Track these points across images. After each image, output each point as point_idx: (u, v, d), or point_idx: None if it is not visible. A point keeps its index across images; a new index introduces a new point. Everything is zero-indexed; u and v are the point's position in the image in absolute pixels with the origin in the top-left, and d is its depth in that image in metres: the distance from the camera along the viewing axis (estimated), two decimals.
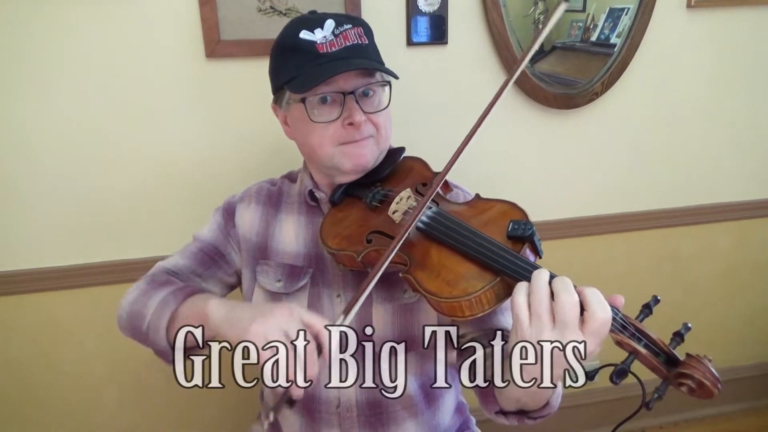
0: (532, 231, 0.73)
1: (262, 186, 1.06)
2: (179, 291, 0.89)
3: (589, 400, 1.81)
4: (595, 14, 1.44)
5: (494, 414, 0.81)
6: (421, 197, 0.87)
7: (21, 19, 1.19)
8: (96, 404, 1.51)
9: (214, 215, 1.06)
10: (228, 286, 1.06)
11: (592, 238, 1.67)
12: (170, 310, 0.86)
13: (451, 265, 0.75)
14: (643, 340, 0.66)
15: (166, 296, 0.89)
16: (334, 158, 0.90)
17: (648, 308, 0.69)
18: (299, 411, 1.00)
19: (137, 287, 0.97)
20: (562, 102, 1.49)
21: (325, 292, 0.96)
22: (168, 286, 0.92)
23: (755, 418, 1.96)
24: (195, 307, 0.85)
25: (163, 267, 1.02)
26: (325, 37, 0.86)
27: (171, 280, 0.95)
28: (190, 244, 1.05)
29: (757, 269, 1.84)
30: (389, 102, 0.91)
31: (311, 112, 0.87)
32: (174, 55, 1.28)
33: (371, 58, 0.90)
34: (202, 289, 0.90)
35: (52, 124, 1.27)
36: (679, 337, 0.68)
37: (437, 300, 0.72)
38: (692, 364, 0.64)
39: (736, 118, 1.64)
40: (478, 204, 0.85)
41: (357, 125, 0.87)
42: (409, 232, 0.80)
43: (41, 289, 1.37)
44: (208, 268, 1.02)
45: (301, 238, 0.99)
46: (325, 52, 0.85)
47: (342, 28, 0.87)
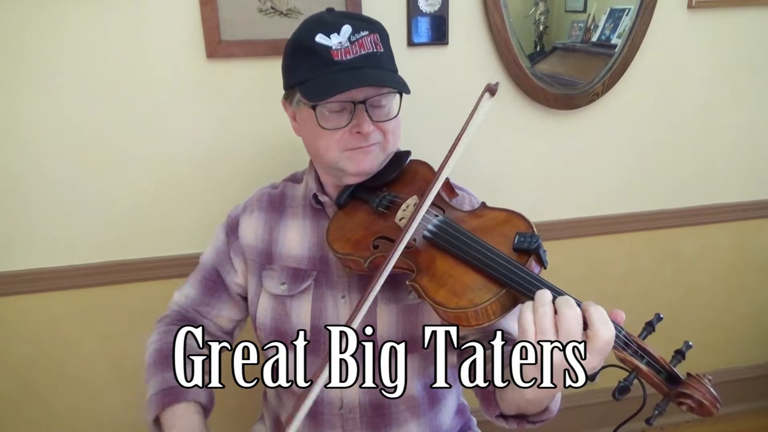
0: (538, 244, 0.73)
1: (263, 192, 1.06)
2: (162, 395, 0.91)
3: (589, 400, 1.81)
4: (596, 15, 1.43)
5: (495, 417, 0.81)
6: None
7: (21, 20, 1.19)
8: (96, 405, 1.51)
9: (217, 232, 1.07)
10: (238, 306, 1.08)
11: (593, 238, 1.67)
12: (153, 414, 0.91)
13: (458, 275, 0.76)
14: (645, 357, 0.67)
15: (152, 397, 0.92)
16: (339, 162, 0.90)
17: (650, 326, 0.70)
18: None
19: (152, 343, 1.02)
20: (563, 102, 1.49)
21: (329, 294, 0.96)
22: (164, 369, 0.95)
23: (756, 419, 1.96)
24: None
25: (176, 307, 1.07)
26: (340, 43, 0.85)
27: (171, 355, 0.97)
28: (197, 270, 1.08)
29: (758, 270, 1.84)
30: (399, 110, 0.91)
31: (321, 119, 0.87)
32: (174, 56, 1.28)
33: (386, 68, 0.89)
34: (185, 391, 0.92)
35: (52, 125, 1.27)
36: (681, 354, 0.69)
37: (444, 310, 0.73)
38: (692, 384, 0.66)
39: (736, 118, 1.64)
40: (485, 213, 0.85)
41: (365, 135, 0.87)
42: (415, 241, 0.80)
43: (42, 290, 1.37)
44: (213, 295, 1.05)
45: (305, 242, 0.99)
46: (340, 60, 0.84)
47: (358, 35, 0.86)
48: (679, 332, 1.82)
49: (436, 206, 0.87)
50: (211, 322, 1.06)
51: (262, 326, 0.99)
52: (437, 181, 0.82)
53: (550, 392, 0.70)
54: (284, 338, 0.97)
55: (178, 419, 0.88)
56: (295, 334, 0.96)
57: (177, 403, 0.90)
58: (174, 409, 0.89)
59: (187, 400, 0.90)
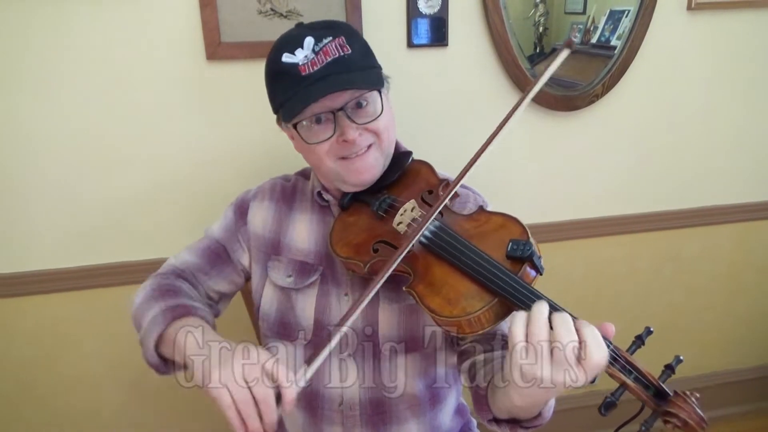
0: (531, 252, 0.73)
1: (275, 182, 1.07)
2: (169, 311, 0.87)
3: (589, 402, 1.81)
4: (596, 16, 1.44)
5: (487, 422, 0.82)
6: (427, 206, 0.87)
7: (22, 23, 1.20)
8: (96, 406, 1.51)
9: (226, 211, 1.07)
10: (234, 283, 1.06)
11: (594, 239, 1.67)
12: (158, 332, 0.85)
13: (453, 283, 0.76)
14: (633, 373, 0.67)
15: (157, 315, 0.87)
16: (336, 172, 0.90)
17: (640, 340, 0.70)
18: (302, 408, 1.00)
19: (144, 289, 0.97)
20: (563, 104, 1.49)
21: (333, 290, 0.97)
22: (165, 298, 0.90)
23: (756, 420, 1.96)
24: (176, 337, 0.82)
25: (171, 266, 1.03)
26: (306, 57, 0.85)
27: (172, 289, 0.94)
28: (200, 240, 1.06)
29: (758, 271, 1.84)
30: (383, 107, 0.89)
31: (305, 136, 0.88)
32: (174, 58, 1.28)
33: (355, 68, 0.87)
34: (194, 307, 0.88)
35: (53, 126, 1.27)
36: (670, 369, 0.69)
37: (438, 318, 0.74)
38: (678, 404, 0.65)
39: (736, 120, 1.64)
40: (481, 218, 0.85)
41: (351, 142, 0.86)
42: (412, 246, 0.81)
43: (42, 291, 1.37)
44: (214, 266, 1.03)
45: (312, 237, 1.00)
46: (307, 74, 0.84)
47: (321, 43, 0.85)
48: (678, 333, 1.82)
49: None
50: (204, 289, 1.03)
51: (266, 317, 0.99)
52: (452, 190, 0.81)
53: (542, 399, 0.70)
54: (287, 331, 0.97)
55: (194, 330, 0.80)
56: (299, 329, 0.96)
57: (187, 317, 0.85)
58: (184, 321, 0.84)
59: (198, 315, 0.86)
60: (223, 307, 1.09)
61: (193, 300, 0.92)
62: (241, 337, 1.11)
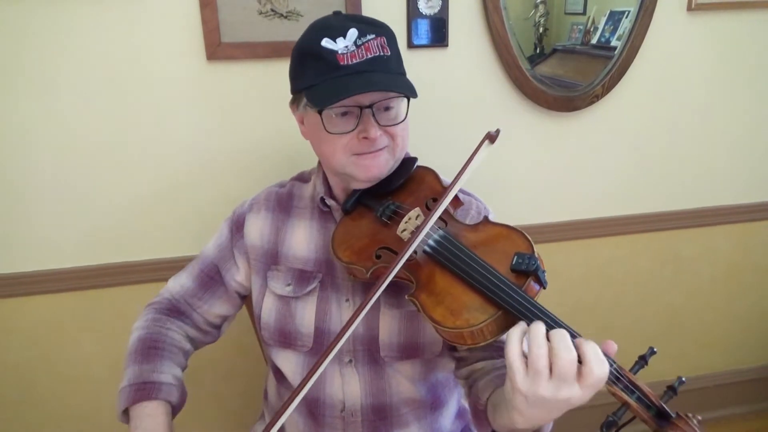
0: (536, 266, 0.72)
1: (270, 191, 1.06)
2: (134, 390, 0.89)
3: (588, 402, 1.80)
4: (596, 17, 1.44)
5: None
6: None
7: (22, 22, 1.20)
8: (96, 406, 1.50)
9: (222, 227, 1.07)
10: (230, 304, 1.07)
11: (593, 240, 1.67)
12: (123, 406, 0.89)
13: (456, 293, 0.76)
14: (635, 392, 0.67)
15: (125, 388, 0.90)
16: (346, 167, 0.89)
17: (643, 360, 0.70)
18: (303, 415, 1.00)
19: (137, 330, 0.99)
20: (563, 105, 1.49)
21: (333, 296, 0.96)
22: (143, 362, 0.93)
23: (756, 421, 1.96)
24: (131, 424, 0.87)
25: (167, 296, 1.05)
26: (347, 47, 0.83)
27: (154, 346, 0.96)
28: (195, 261, 1.07)
29: (758, 272, 1.84)
30: (407, 114, 0.89)
31: (327, 124, 0.86)
32: (175, 58, 1.28)
33: (393, 71, 0.88)
34: (160, 386, 0.90)
35: (53, 127, 1.27)
36: (672, 390, 0.68)
37: (441, 328, 0.74)
38: (680, 426, 0.65)
39: (736, 120, 1.64)
40: (486, 228, 0.84)
41: (372, 140, 0.86)
42: (416, 254, 0.80)
43: (41, 292, 1.37)
44: (207, 290, 1.04)
45: (312, 244, 0.99)
46: (346, 64, 0.83)
47: (365, 38, 0.85)
48: (679, 334, 1.82)
49: (439, 218, 0.86)
50: (200, 315, 1.05)
51: (266, 326, 0.99)
52: (433, 214, 0.81)
53: (544, 420, 0.69)
54: (288, 339, 0.97)
55: (146, 417, 0.86)
56: (299, 337, 0.96)
57: (147, 401, 0.88)
58: (144, 406, 0.87)
59: (158, 399, 0.89)
60: (226, 327, 1.11)
61: (171, 363, 0.94)
62: (243, 340, 1.12)
